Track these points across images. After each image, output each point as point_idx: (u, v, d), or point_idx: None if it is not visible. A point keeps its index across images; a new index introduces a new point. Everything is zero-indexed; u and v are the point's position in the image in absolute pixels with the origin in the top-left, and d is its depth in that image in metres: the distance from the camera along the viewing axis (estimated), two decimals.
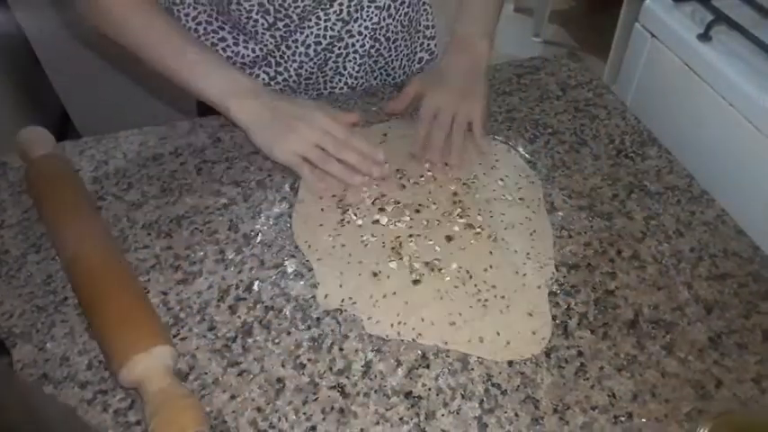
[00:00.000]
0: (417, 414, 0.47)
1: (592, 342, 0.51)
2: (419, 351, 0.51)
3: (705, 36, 0.90)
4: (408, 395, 0.48)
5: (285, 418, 0.46)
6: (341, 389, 0.48)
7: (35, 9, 1.46)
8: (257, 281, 0.56)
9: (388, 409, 0.47)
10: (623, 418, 0.47)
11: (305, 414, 0.47)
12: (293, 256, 0.58)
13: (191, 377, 0.49)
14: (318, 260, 0.57)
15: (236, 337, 0.51)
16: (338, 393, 0.48)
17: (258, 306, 0.54)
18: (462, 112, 0.69)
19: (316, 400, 0.47)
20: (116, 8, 0.64)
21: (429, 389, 0.48)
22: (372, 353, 0.50)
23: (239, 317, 0.53)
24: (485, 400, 0.48)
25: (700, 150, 0.86)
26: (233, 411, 0.47)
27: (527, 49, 2.33)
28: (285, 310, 0.53)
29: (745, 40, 0.87)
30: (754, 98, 0.81)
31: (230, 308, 0.54)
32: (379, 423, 0.46)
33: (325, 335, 0.52)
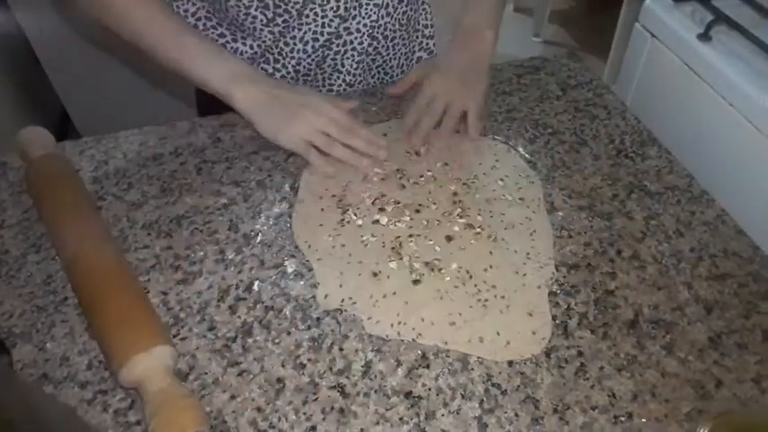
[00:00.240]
0: (417, 414, 0.47)
1: (592, 342, 0.51)
2: (419, 351, 0.51)
3: (705, 36, 0.90)
4: (408, 395, 0.48)
5: (285, 418, 0.46)
6: (341, 389, 0.48)
7: (35, 9, 1.46)
8: (257, 281, 0.56)
9: (388, 409, 0.47)
10: (623, 418, 0.47)
11: (305, 414, 0.47)
12: (293, 256, 0.58)
13: (191, 377, 0.49)
14: (318, 260, 0.57)
15: (236, 337, 0.51)
16: (338, 393, 0.48)
17: (258, 306, 0.54)
18: (458, 102, 0.69)
19: (316, 400, 0.47)
20: (118, 0, 0.64)
21: (429, 389, 0.48)
22: (372, 353, 0.50)
23: (239, 317, 0.53)
24: (485, 400, 0.48)
25: (700, 150, 0.86)
26: (233, 411, 0.47)
27: (527, 49, 2.33)
28: (285, 310, 0.53)
29: (745, 40, 0.87)
30: (754, 98, 0.81)
31: (230, 308, 0.54)
32: (379, 423, 0.46)
33: (325, 335, 0.52)
